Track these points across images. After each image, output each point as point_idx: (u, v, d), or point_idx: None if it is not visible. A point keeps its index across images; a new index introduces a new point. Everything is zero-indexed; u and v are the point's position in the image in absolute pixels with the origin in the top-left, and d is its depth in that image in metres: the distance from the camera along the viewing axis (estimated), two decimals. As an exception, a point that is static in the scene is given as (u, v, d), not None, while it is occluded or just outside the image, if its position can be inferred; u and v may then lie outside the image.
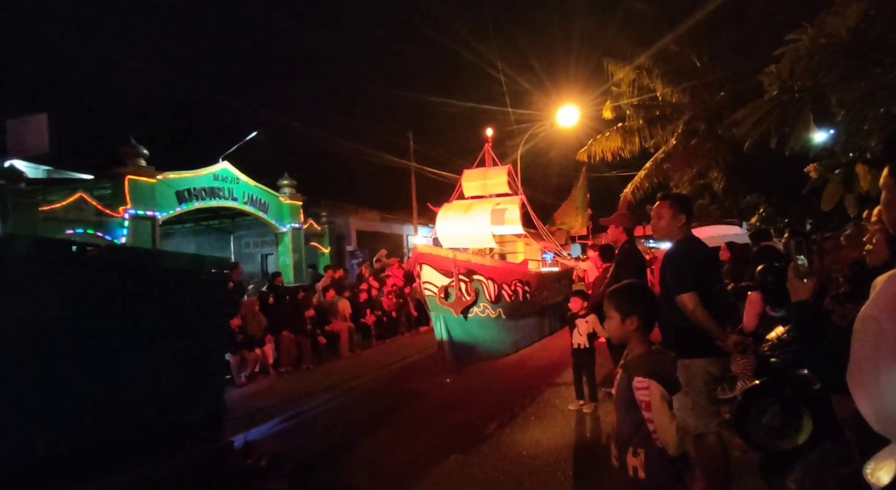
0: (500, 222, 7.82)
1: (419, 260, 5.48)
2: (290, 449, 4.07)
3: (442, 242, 7.66)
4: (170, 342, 2.73)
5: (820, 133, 7.28)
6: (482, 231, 7.32)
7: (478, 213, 7.49)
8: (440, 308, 5.44)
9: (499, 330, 5.79)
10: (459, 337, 5.51)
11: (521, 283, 6.11)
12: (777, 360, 3.29)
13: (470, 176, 8.41)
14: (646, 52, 12.21)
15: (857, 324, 0.96)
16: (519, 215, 7.88)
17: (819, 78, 6.35)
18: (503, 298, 5.73)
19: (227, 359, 6.47)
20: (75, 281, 2.40)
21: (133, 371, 2.53)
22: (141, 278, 2.73)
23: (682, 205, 2.75)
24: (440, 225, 7.70)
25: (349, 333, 8.51)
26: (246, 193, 13.12)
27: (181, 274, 3.02)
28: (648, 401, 1.64)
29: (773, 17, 9.51)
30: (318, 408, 5.38)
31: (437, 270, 5.40)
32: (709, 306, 2.46)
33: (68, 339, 2.29)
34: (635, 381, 1.69)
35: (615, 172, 16.45)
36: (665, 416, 1.62)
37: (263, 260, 16.65)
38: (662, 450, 1.65)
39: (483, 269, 5.62)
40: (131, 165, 10.23)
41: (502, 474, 3.34)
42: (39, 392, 2.18)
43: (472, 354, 5.65)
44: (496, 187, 8.23)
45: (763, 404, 3.24)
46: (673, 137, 12.85)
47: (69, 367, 2.27)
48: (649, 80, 12.75)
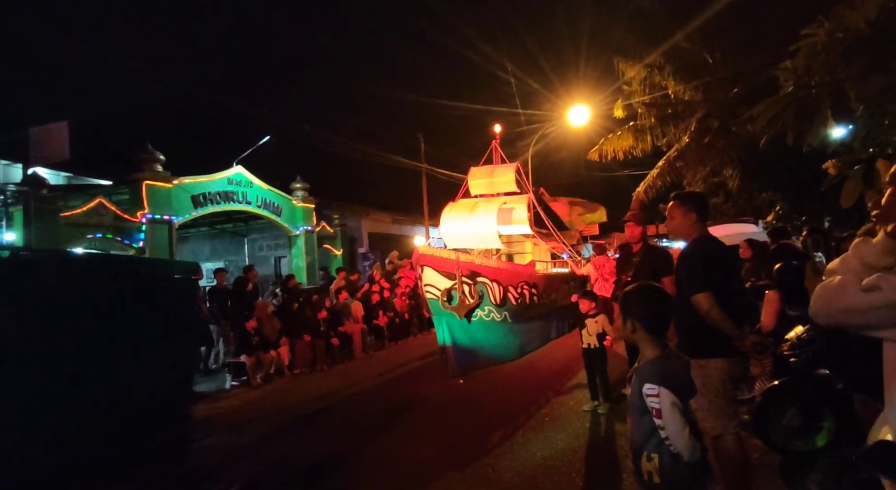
0: (507, 222, 7.55)
1: (420, 261, 5.24)
2: (300, 450, 4.12)
3: (446, 243, 7.41)
4: (108, 360, 2.31)
5: (838, 129, 7.13)
6: (488, 231, 7.09)
7: (483, 213, 7.22)
8: (442, 312, 5.19)
9: (504, 334, 5.58)
10: (463, 342, 5.26)
11: (528, 285, 5.88)
12: (797, 359, 3.23)
13: (476, 173, 8.13)
14: (656, 49, 12.09)
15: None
16: (527, 215, 7.62)
17: (837, 73, 6.23)
18: (509, 301, 5.52)
19: (242, 360, 6.58)
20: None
21: (64, 391, 2.13)
22: (79, 285, 2.33)
23: (692, 203, 2.71)
24: (444, 225, 7.46)
25: (362, 335, 8.56)
26: (259, 197, 13.29)
27: (133, 280, 2.59)
28: (659, 408, 1.62)
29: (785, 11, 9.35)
30: (332, 409, 5.43)
31: (439, 272, 5.15)
32: (725, 306, 2.42)
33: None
34: (645, 387, 1.66)
35: (627, 171, 16.33)
36: (677, 424, 1.60)
37: (277, 263, 16.84)
38: (677, 455, 1.63)
39: (488, 271, 5.39)
40: (148, 171, 10.44)
41: (516, 475, 3.33)
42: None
43: (477, 360, 5.41)
44: (504, 186, 7.96)
45: (782, 405, 3.19)
46: (686, 135, 12.69)
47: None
48: (661, 78, 12.62)
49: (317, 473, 3.62)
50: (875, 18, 5.77)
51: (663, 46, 11.84)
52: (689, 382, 1.73)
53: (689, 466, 1.63)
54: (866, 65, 6.05)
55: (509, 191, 7.96)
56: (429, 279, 5.20)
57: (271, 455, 4.16)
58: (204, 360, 7.51)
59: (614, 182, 18.61)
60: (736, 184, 13.51)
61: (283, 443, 4.43)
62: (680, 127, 13.05)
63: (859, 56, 6.01)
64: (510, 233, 8.34)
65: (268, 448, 4.35)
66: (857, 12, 5.81)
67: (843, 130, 7.34)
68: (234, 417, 5.23)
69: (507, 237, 8.56)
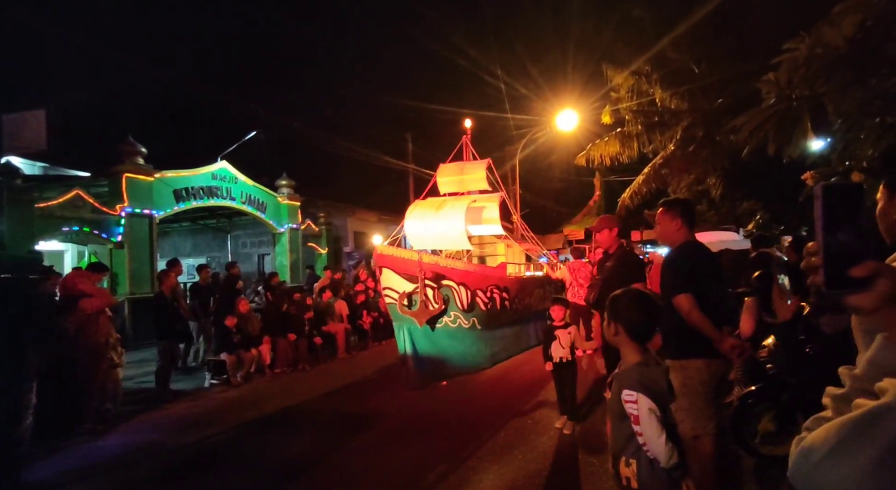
0: (478, 222, 7.01)
1: (378, 262, 4.81)
2: (274, 451, 4.05)
3: (411, 243, 6.87)
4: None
5: (817, 141, 7.33)
6: (456, 231, 6.56)
7: (451, 211, 6.69)
8: (402, 317, 4.79)
9: (473, 342, 5.18)
10: (426, 350, 4.90)
11: (499, 290, 5.50)
12: (773, 366, 3.30)
13: (445, 170, 7.57)
14: (644, 56, 12.28)
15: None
16: (499, 214, 7.09)
17: (816, 87, 6.40)
18: (478, 306, 5.14)
19: (222, 358, 6.46)
20: None
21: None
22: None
23: (676, 209, 2.74)
24: (409, 223, 6.89)
25: (346, 335, 8.49)
26: (244, 193, 13.09)
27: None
28: (637, 414, 1.64)
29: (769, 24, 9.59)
30: (309, 409, 5.35)
31: (400, 274, 4.74)
32: (706, 309, 2.47)
33: None
34: (624, 393, 1.67)
35: (614, 177, 16.53)
36: (654, 430, 1.61)
37: (260, 260, 16.62)
38: (654, 460, 1.65)
39: (454, 274, 4.99)
40: (129, 163, 10.20)
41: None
42: None
43: (442, 370, 5.04)
44: (474, 183, 7.44)
45: (759, 410, 3.25)
46: (671, 143, 12.92)
47: None
48: (648, 86, 12.82)
49: (281, 477, 3.55)
50: (853, 36, 5.94)
51: (650, 52, 12.02)
52: (668, 389, 1.74)
53: (666, 472, 1.64)
54: (845, 80, 6.24)
55: (480, 189, 7.52)
56: (388, 282, 4.80)
57: (240, 456, 4.08)
58: (183, 358, 7.36)
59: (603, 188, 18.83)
60: (719, 192, 13.80)
61: (253, 443, 4.35)
62: (666, 135, 13.28)
63: (838, 71, 6.19)
64: (480, 233, 7.83)
65: (236, 449, 4.26)
66: (836, 29, 5.98)
67: (821, 143, 7.55)
68: (210, 416, 5.12)
69: (477, 238, 8.14)
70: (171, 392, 5.98)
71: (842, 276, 0.67)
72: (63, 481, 3.65)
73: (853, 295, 0.68)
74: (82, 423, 4.71)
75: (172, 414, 5.29)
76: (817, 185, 0.69)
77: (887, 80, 6.11)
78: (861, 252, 0.66)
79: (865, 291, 0.67)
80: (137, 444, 4.39)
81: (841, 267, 0.67)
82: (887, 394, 0.64)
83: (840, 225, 0.67)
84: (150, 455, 4.12)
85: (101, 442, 4.45)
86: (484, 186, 7.41)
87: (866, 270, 0.66)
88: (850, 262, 0.66)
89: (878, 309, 0.68)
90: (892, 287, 0.66)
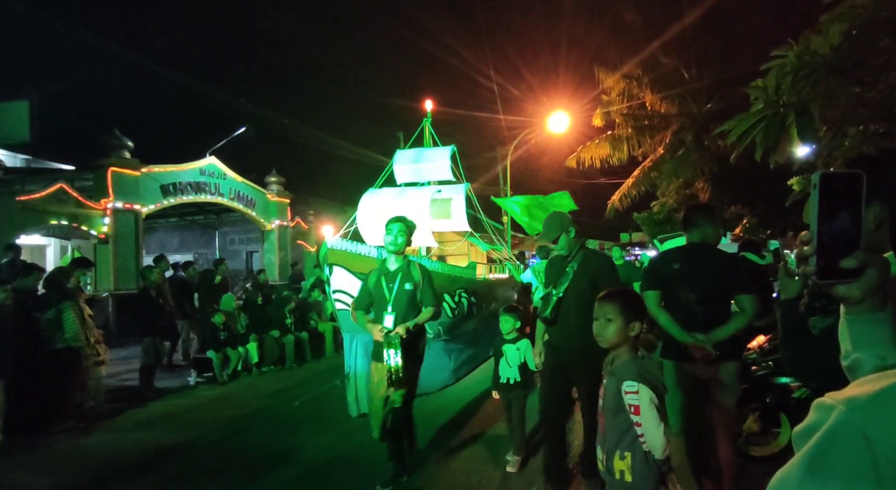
0: (445, 216, 6.12)
1: (328, 259, 3.95)
2: (259, 449, 3.99)
3: (365, 238, 5.88)
4: None
5: (803, 147, 7.47)
6: (419, 225, 5.64)
7: (413, 203, 5.88)
8: (356, 328, 3.68)
9: (437, 355, 4.39)
10: None
11: (467, 293, 4.83)
12: (758, 368, 3.35)
13: (403, 157, 6.65)
14: (635, 60, 12.41)
15: None
16: (464, 208, 6.18)
17: (803, 94, 6.53)
18: (444, 312, 4.42)
19: (209, 356, 6.38)
20: None
21: None
22: None
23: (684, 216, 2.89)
24: (362, 216, 5.99)
25: (334, 333, 8.43)
26: (232, 189, 12.95)
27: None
28: (638, 405, 1.68)
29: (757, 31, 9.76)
30: (294, 408, 5.28)
31: (355, 274, 3.90)
32: (676, 311, 2.56)
33: None
34: (625, 384, 1.71)
35: (603, 179, 16.66)
36: (654, 420, 1.66)
37: (249, 257, 16.45)
38: (648, 453, 1.70)
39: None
40: (115, 157, 10.03)
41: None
42: None
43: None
44: (435, 172, 6.53)
45: (743, 411, 3.30)
46: (661, 147, 13.07)
47: None
48: (639, 89, 12.96)
49: (265, 475, 3.52)
50: (838, 45, 6.07)
51: (640, 55, 12.16)
52: (663, 383, 1.80)
53: (658, 464, 1.70)
54: (829, 88, 6.36)
55: (443, 179, 6.55)
56: (339, 283, 3.92)
57: (224, 454, 4.03)
58: (169, 355, 7.25)
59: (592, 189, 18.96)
60: (707, 196, 13.99)
61: (238, 441, 4.29)
62: (655, 138, 13.43)
63: (823, 80, 6.31)
64: (444, 229, 6.70)
65: (221, 447, 4.20)
66: (823, 38, 6.10)
67: (807, 149, 7.69)
68: (195, 414, 5.05)
69: (439, 234, 6.84)
70: (155, 390, 5.89)
71: (834, 266, 0.66)
72: (40, 480, 3.57)
73: (842, 285, 0.68)
74: (63, 420, 4.61)
75: (156, 412, 5.20)
76: (815, 173, 0.67)
77: (870, 88, 6.25)
78: (855, 242, 0.65)
79: (854, 281, 0.67)
80: (118, 441, 4.30)
81: (834, 257, 0.66)
82: (834, 411, 0.55)
83: (837, 214, 0.65)
84: (131, 453, 4.04)
85: (81, 440, 4.36)
86: (447, 176, 6.49)
87: (857, 261, 0.65)
88: (843, 253, 0.65)
89: (864, 299, 0.68)
90: (879, 278, 0.66)
